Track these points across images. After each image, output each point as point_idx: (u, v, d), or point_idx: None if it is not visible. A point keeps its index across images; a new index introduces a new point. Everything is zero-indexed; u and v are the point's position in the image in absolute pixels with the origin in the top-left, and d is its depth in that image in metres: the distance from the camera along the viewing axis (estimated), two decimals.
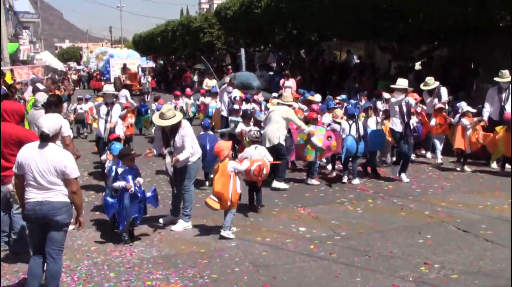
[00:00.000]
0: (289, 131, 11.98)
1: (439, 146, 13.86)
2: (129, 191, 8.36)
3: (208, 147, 11.28)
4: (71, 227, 9.16)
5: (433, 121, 13.86)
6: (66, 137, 9.23)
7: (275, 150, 11.45)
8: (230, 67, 37.31)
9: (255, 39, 35.87)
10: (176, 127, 9.04)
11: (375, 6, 20.53)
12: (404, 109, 11.98)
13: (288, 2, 26.12)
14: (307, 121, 12.30)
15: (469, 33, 20.00)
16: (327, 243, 8.29)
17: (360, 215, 9.81)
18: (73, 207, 6.43)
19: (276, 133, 11.55)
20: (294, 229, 8.98)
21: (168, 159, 9.10)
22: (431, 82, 14.10)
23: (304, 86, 23.06)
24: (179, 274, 7.25)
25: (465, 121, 12.88)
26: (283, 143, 11.65)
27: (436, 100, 14.28)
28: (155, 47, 57.66)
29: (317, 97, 15.39)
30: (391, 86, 12.63)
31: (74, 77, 55.03)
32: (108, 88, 12.45)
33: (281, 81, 23.29)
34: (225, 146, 9.10)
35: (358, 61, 31.49)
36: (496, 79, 13.48)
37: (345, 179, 12.22)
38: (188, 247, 8.31)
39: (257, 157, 9.85)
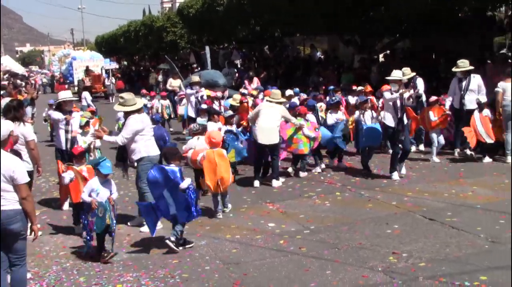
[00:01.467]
0: None
1: (436, 142, 13.39)
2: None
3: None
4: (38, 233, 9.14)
5: (432, 116, 13.46)
6: (30, 142, 9.15)
7: (270, 149, 11.64)
8: (194, 65, 37.18)
9: (218, 36, 35.78)
10: (128, 116, 9.24)
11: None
12: (398, 103, 11.51)
13: None
14: (296, 115, 12.55)
15: (430, 24, 20.28)
16: (296, 237, 8.35)
17: (328, 208, 9.89)
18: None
19: (277, 130, 11.66)
20: (263, 225, 9.01)
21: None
22: (407, 72, 13.73)
23: (268, 82, 23.13)
24: (150, 275, 7.23)
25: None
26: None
27: (412, 91, 14.07)
28: (118, 48, 57.15)
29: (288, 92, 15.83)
30: (386, 78, 12.13)
31: (45, 80, 54.47)
32: (65, 95, 11.24)
33: (246, 83, 23.02)
34: (219, 135, 10.04)
35: (322, 55, 31.67)
36: (454, 69, 13.55)
37: (318, 169, 12.70)
38: (158, 248, 8.28)
39: (201, 147, 10.19)
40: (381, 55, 27.00)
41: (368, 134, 12.32)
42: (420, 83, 14.78)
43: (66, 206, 10.51)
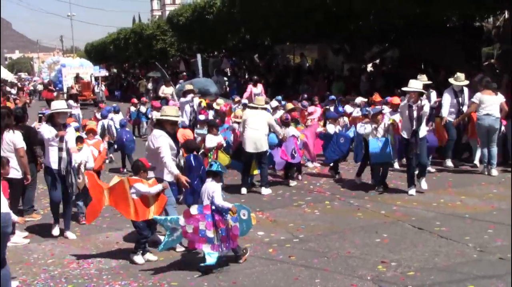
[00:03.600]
0: None
1: (479, 151, 12.95)
2: None
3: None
4: (26, 241, 9.12)
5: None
6: (19, 149, 9.17)
7: (257, 156, 11.71)
8: (184, 73, 37.19)
9: (208, 44, 35.87)
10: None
11: (326, 8, 20.78)
12: (414, 113, 10.67)
13: (240, 7, 26.22)
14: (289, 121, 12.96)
15: (418, 34, 20.45)
16: (286, 246, 8.34)
17: (317, 217, 9.89)
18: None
19: (265, 138, 11.69)
20: (253, 234, 8.97)
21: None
22: (424, 79, 12.87)
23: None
24: (139, 283, 7.20)
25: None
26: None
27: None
28: (108, 56, 57.09)
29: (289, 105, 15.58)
30: (403, 89, 11.30)
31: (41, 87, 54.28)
32: (59, 105, 9.41)
33: (249, 88, 22.66)
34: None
35: (310, 64, 31.77)
36: (451, 81, 13.17)
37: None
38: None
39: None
40: (369, 65, 27.14)
41: (381, 148, 11.27)
42: (433, 95, 14.02)
43: (56, 231, 9.48)
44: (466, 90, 13.23)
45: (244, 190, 11.77)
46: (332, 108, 15.78)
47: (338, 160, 13.10)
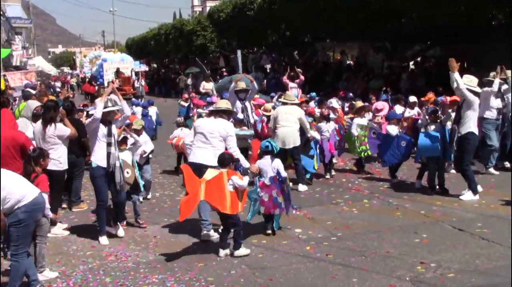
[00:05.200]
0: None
1: None
2: None
3: None
4: (65, 232, 9.24)
5: None
6: (70, 135, 9.45)
7: (291, 152, 11.76)
8: (224, 69, 37.28)
9: (248, 41, 35.89)
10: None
11: (368, 6, 20.59)
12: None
13: (281, 4, 26.16)
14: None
15: (462, 32, 20.08)
16: (323, 244, 8.28)
17: (355, 215, 9.80)
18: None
19: (298, 133, 11.72)
20: (290, 231, 8.96)
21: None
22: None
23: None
24: (176, 278, 7.23)
25: None
26: None
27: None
28: (148, 51, 57.60)
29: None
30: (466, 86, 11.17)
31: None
32: (109, 103, 8.87)
33: (286, 81, 22.47)
34: None
35: (351, 61, 31.56)
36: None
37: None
38: (184, 250, 8.28)
39: (182, 135, 12.89)
40: (411, 63, 26.81)
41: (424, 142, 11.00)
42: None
43: (104, 240, 8.82)
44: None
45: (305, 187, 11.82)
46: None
47: (398, 164, 12.40)
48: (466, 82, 10.38)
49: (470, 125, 10.39)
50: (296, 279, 7.01)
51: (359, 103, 14.29)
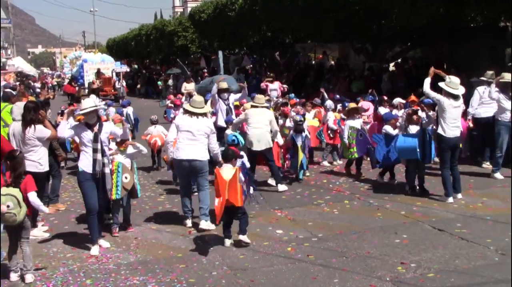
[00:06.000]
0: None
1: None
2: None
3: None
4: (46, 234, 9.19)
5: None
6: (50, 136, 9.32)
7: (264, 154, 11.77)
8: (205, 70, 37.26)
9: (229, 42, 35.89)
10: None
11: (349, 7, 20.69)
12: None
13: (262, 5, 26.20)
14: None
15: (442, 34, 20.25)
16: (304, 245, 8.31)
17: (336, 216, 9.84)
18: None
19: (269, 136, 11.73)
20: (271, 232, 8.98)
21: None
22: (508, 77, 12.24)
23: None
24: (157, 279, 7.21)
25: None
26: None
27: None
28: (129, 52, 57.40)
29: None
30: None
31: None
32: (87, 104, 8.52)
33: (263, 85, 22.69)
34: None
35: (333, 62, 31.68)
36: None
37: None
38: (165, 252, 8.27)
39: (155, 133, 13.90)
40: (392, 64, 26.99)
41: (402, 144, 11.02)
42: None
43: (95, 249, 8.39)
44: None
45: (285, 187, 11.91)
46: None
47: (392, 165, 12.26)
48: (446, 83, 10.40)
49: (439, 127, 10.43)
50: (277, 280, 7.03)
51: (352, 105, 14.11)
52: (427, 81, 10.61)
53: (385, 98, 15.94)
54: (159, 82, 39.19)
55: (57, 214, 10.44)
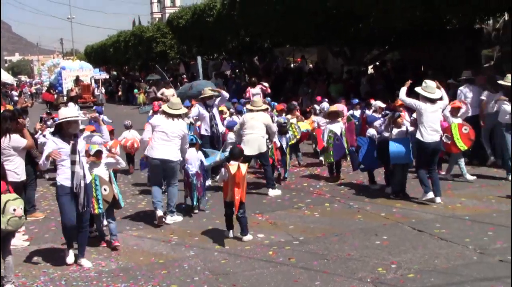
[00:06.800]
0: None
1: None
2: None
3: None
4: (26, 243, 9.12)
5: None
6: (26, 146, 9.33)
7: (259, 157, 12.03)
8: (184, 76, 37.19)
9: (208, 47, 35.86)
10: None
11: (326, 10, 20.78)
12: None
13: (240, 10, 26.24)
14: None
15: (419, 36, 20.43)
16: (285, 248, 8.34)
17: (317, 219, 9.89)
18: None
19: (263, 139, 11.83)
20: (253, 236, 8.99)
21: None
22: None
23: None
24: (139, 286, 7.20)
25: None
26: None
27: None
28: (108, 58, 57.13)
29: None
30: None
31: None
32: (68, 113, 8.08)
33: (247, 89, 22.72)
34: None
35: (311, 65, 31.82)
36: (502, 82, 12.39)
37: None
38: (147, 258, 8.26)
39: (130, 137, 14.23)
40: (370, 67, 27.14)
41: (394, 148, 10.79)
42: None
43: (71, 258, 8.21)
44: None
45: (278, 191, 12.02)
46: (357, 112, 15.68)
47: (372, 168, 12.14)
48: (422, 88, 10.43)
49: (417, 132, 10.39)
50: (259, 284, 7.05)
51: (332, 108, 13.99)
52: (403, 90, 10.74)
53: (373, 101, 15.94)
54: (135, 90, 38.92)
55: (36, 222, 10.42)
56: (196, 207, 10.53)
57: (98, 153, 8.83)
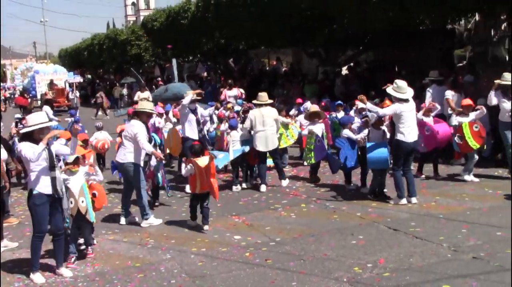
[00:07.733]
0: None
1: None
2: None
3: None
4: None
5: None
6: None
7: (270, 153, 12.38)
8: (159, 79, 37.05)
9: (183, 49, 35.77)
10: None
11: (300, 12, 20.85)
12: None
13: (214, 12, 26.21)
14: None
15: (392, 37, 20.59)
16: (262, 249, 8.36)
17: (293, 220, 9.92)
18: None
19: (275, 136, 12.32)
20: (229, 238, 9.00)
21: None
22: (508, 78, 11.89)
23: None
24: None
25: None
26: None
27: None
28: (82, 62, 56.72)
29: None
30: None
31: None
32: (38, 119, 7.59)
33: (223, 92, 22.78)
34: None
35: (286, 68, 31.88)
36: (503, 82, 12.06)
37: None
38: (123, 262, 8.22)
39: (101, 138, 14.33)
40: (345, 68, 27.27)
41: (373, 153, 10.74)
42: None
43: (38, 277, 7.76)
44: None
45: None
46: (340, 114, 15.59)
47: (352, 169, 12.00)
48: (394, 88, 10.38)
49: (398, 134, 10.33)
50: (236, 286, 7.06)
51: (313, 108, 13.77)
52: (371, 107, 10.65)
53: (357, 102, 15.81)
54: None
55: (11, 228, 10.31)
56: (157, 201, 11.33)
57: (77, 160, 8.39)
